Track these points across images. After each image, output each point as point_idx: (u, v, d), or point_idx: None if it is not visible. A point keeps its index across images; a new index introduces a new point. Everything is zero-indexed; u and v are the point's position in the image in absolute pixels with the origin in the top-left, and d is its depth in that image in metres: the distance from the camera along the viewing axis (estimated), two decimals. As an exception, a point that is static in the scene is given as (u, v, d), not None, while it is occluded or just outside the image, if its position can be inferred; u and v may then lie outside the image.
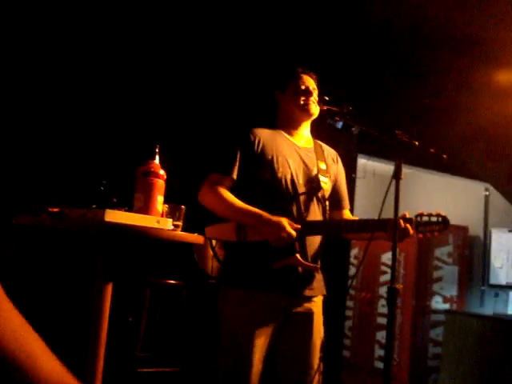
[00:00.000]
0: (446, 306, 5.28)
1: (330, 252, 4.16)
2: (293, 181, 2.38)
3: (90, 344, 1.94)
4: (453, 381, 4.57)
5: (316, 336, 2.43)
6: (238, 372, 2.27)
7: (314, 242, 2.42)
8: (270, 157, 2.37)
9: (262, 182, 2.36)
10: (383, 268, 5.50)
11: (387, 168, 4.64)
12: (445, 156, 2.03)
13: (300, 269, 2.33)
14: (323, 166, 2.50)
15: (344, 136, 3.66)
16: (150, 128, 3.69)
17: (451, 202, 5.95)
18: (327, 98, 2.35)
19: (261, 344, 2.29)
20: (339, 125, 2.35)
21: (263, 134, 2.43)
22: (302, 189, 2.39)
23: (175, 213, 2.08)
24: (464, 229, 5.55)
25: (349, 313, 5.73)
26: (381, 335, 5.39)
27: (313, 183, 2.43)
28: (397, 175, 2.02)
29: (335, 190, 2.58)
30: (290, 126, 2.53)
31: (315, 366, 2.40)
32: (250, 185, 2.37)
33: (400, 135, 2.07)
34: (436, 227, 2.26)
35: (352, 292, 5.79)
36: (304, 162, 2.46)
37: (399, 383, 4.93)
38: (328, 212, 2.47)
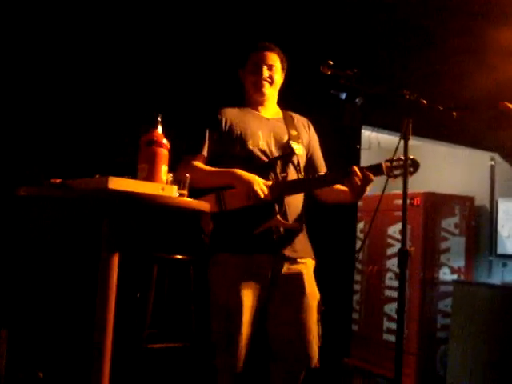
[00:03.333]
0: (454, 277, 5.25)
1: (337, 227, 4.18)
2: (264, 150, 2.42)
3: (98, 318, 1.91)
4: (462, 351, 4.57)
5: (310, 297, 2.44)
6: (227, 334, 2.32)
7: (294, 203, 2.46)
8: (238, 132, 2.43)
9: (235, 155, 2.41)
10: (390, 241, 5.46)
11: (392, 140, 4.59)
12: (455, 113, 2.01)
13: (282, 230, 2.36)
14: (294, 133, 2.53)
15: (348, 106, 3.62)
16: (152, 97, 3.62)
17: (456, 173, 5.94)
18: (331, 62, 2.32)
19: (248, 305, 2.33)
20: (343, 95, 2.35)
21: (230, 113, 2.49)
22: (275, 156, 2.44)
23: (179, 182, 2.04)
24: (470, 199, 5.50)
25: (356, 287, 5.70)
26: (389, 308, 5.37)
27: (286, 149, 2.46)
28: (405, 135, 2.01)
29: (310, 156, 2.62)
30: (255, 102, 2.56)
31: (313, 328, 2.40)
32: (224, 161, 2.42)
33: (408, 95, 2.05)
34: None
35: (359, 266, 5.76)
36: (274, 132, 2.50)
37: (409, 355, 4.92)
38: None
